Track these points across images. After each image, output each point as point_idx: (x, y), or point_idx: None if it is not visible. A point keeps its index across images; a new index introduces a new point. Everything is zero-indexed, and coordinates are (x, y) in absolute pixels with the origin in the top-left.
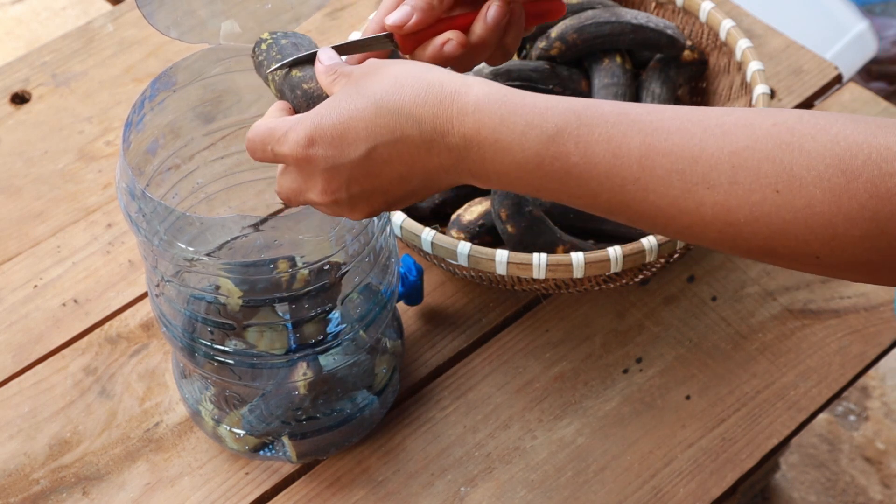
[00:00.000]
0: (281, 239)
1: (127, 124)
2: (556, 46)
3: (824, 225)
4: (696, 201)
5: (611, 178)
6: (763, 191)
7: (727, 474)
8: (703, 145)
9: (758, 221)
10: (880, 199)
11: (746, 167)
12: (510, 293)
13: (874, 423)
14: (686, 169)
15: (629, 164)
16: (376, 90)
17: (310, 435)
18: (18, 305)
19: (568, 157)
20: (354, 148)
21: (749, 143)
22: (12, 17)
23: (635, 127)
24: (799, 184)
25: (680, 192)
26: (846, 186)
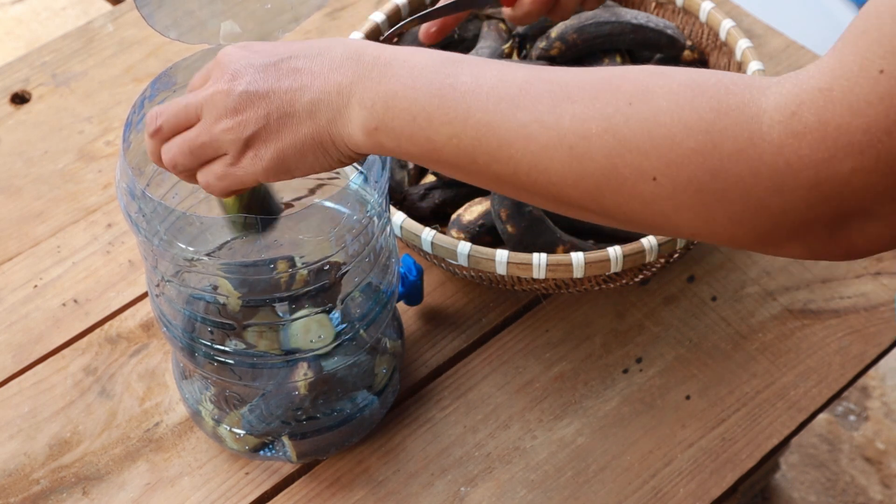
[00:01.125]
0: (281, 239)
1: (127, 124)
2: (556, 46)
3: (664, 135)
4: (557, 114)
5: (490, 95)
6: (618, 103)
7: (727, 474)
8: (581, 76)
9: (607, 132)
10: (719, 113)
11: (610, 86)
12: (510, 293)
13: (874, 422)
14: (557, 90)
15: (511, 85)
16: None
17: (310, 435)
18: (18, 305)
19: (459, 75)
20: (276, 54)
21: (620, 73)
22: (12, 17)
23: (529, 67)
24: (650, 96)
25: (546, 107)
26: (691, 99)
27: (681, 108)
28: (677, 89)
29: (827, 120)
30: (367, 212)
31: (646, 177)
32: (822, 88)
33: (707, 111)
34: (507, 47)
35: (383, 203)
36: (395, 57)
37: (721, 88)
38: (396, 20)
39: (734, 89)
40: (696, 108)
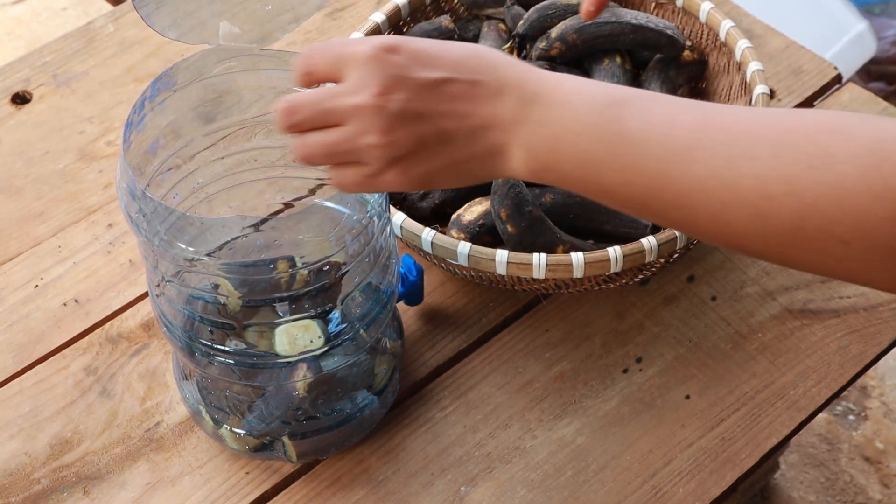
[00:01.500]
0: (281, 239)
1: (127, 124)
2: (556, 47)
3: (853, 203)
4: (737, 172)
5: (662, 145)
6: (800, 165)
7: (727, 474)
8: (752, 125)
9: (792, 195)
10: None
11: (788, 143)
12: (510, 293)
13: (873, 422)
14: (733, 141)
15: (682, 134)
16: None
17: (310, 435)
18: (19, 305)
19: (626, 120)
20: (430, 69)
21: (794, 126)
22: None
23: (693, 107)
24: (833, 161)
25: (724, 161)
26: (876, 166)
27: (866, 176)
28: (858, 153)
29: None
30: (367, 212)
31: (836, 240)
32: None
33: (893, 178)
34: (507, 47)
35: (383, 203)
36: (555, 93)
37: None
38: (397, 20)
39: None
40: (882, 177)
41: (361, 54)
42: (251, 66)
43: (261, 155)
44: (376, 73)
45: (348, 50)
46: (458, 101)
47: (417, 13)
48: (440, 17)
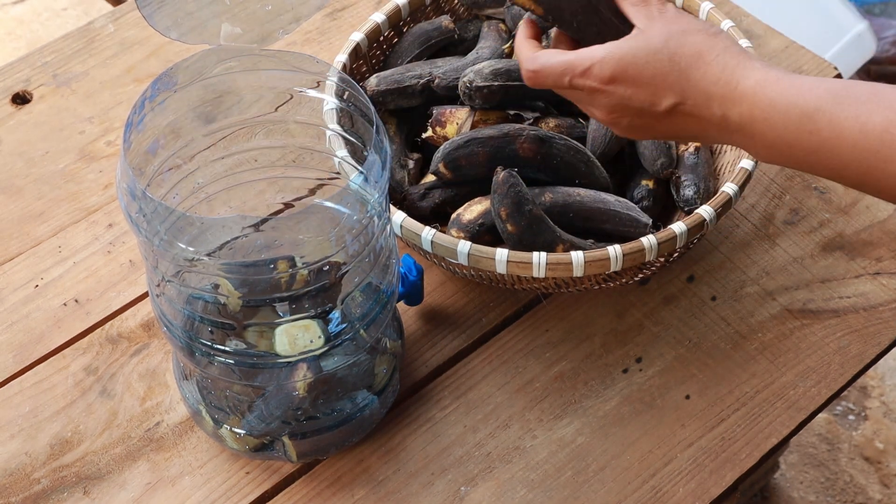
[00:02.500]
0: (281, 239)
1: (127, 124)
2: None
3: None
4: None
5: (856, 150)
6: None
7: (727, 474)
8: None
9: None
10: None
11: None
12: (510, 293)
13: (873, 422)
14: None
15: (873, 137)
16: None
17: (310, 435)
18: (19, 305)
19: (821, 132)
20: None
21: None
22: (13, 18)
23: (883, 104)
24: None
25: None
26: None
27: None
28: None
29: None
30: (367, 212)
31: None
32: None
33: None
34: (507, 47)
35: (383, 203)
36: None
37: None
38: (397, 20)
39: None
40: None
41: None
42: (251, 66)
43: (261, 155)
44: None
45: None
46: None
47: (417, 13)
48: (440, 17)
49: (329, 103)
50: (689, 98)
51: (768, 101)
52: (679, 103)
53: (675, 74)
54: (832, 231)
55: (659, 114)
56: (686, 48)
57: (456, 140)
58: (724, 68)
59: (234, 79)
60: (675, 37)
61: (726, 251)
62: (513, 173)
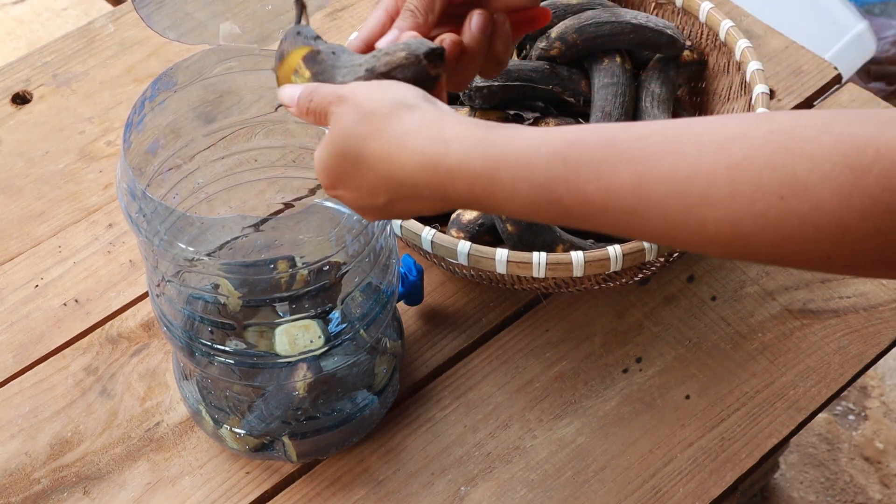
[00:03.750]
0: (281, 239)
1: (127, 124)
2: (556, 46)
3: (835, 224)
4: (698, 220)
5: (607, 212)
6: (766, 199)
7: (727, 474)
8: (698, 164)
9: (764, 231)
10: (893, 192)
11: (746, 179)
12: (510, 293)
13: (873, 422)
14: (683, 191)
15: (623, 197)
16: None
17: (310, 435)
18: (19, 305)
19: (561, 200)
20: (374, 198)
21: (746, 154)
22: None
23: (623, 158)
24: (804, 187)
25: (680, 214)
26: (856, 183)
27: (847, 196)
28: (832, 173)
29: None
30: None
31: (819, 257)
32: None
33: (879, 192)
34: None
35: None
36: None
37: (885, 163)
38: None
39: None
40: (865, 192)
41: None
42: (251, 66)
43: (261, 155)
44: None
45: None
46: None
47: None
48: None
49: None
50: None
51: (486, 178)
52: (396, 197)
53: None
54: None
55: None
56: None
57: None
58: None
59: (234, 79)
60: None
61: None
62: None
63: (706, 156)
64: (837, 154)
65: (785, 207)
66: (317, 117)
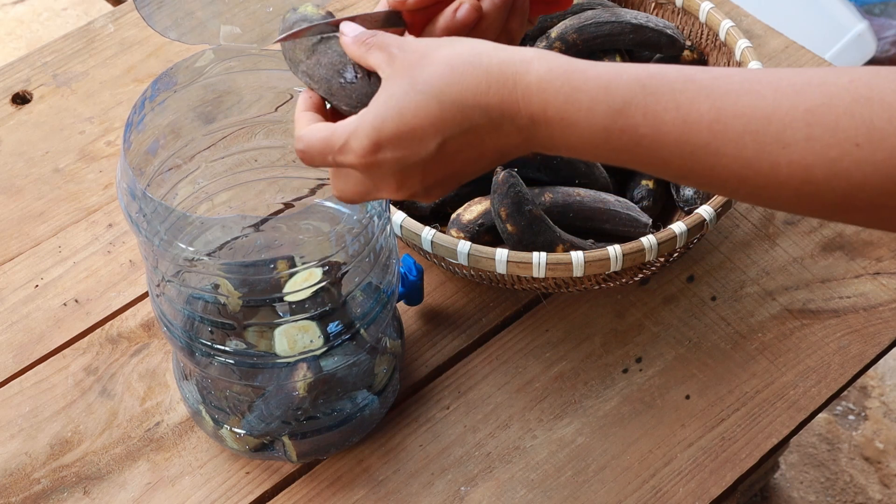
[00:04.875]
0: (281, 239)
1: (128, 124)
2: (556, 46)
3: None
4: (771, 161)
5: (681, 145)
6: (842, 146)
7: (727, 474)
8: (776, 105)
9: (837, 177)
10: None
11: (823, 123)
12: (510, 293)
13: (873, 422)
14: (759, 129)
15: (699, 130)
16: (434, 82)
17: (310, 435)
18: (19, 305)
19: (636, 128)
20: (424, 146)
21: (825, 100)
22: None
23: (703, 92)
24: (880, 136)
25: (753, 153)
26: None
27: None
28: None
29: None
30: (367, 211)
31: (886, 206)
32: None
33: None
34: None
35: (383, 203)
36: (546, 113)
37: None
38: None
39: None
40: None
41: (359, 166)
42: (251, 66)
43: (261, 155)
44: (383, 177)
45: (339, 160)
46: (465, 151)
47: None
48: None
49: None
50: (458, 122)
51: (564, 96)
52: (450, 136)
53: (432, 105)
54: (832, 231)
55: (438, 157)
56: (432, 69)
57: None
58: (489, 70)
59: (234, 79)
60: (418, 65)
61: (726, 251)
62: (513, 173)
63: (784, 98)
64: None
65: (860, 155)
66: (370, 50)
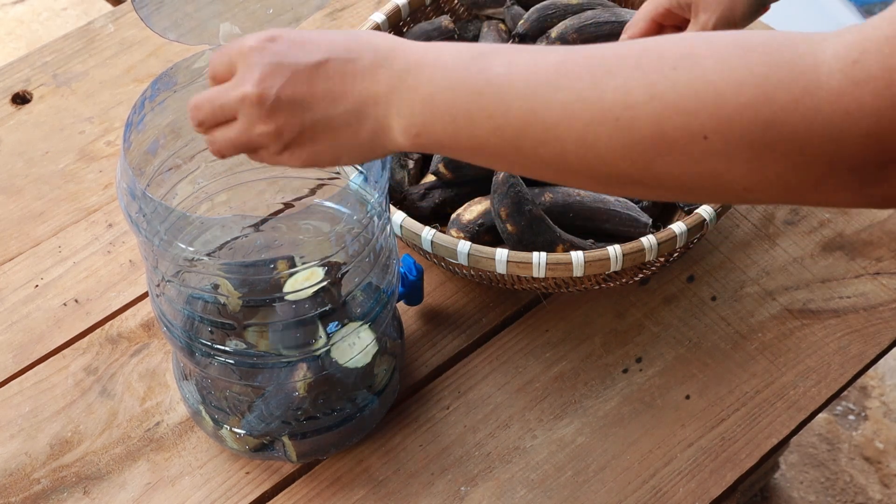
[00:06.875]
0: (281, 239)
1: (127, 124)
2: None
3: (713, 93)
4: (601, 90)
5: (528, 82)
6: (662, 69)
7: (727, 474)
8: (618, 49)
9: (653, 99)
10: (771, 66)
11: (651, 55)
12: (510, 293)
13: (873, 422)
14: (596, 65)
15: (546, 69)
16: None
17: (310, 435)
18: (19, 305)
19: (492, 68)
20: (307, 53)
21: (660, 42)
22: (13, 18)
23: (560, 49)
24: (696, 59)
25: (587, 84)
26: (741, 56)
27: (730, 67)
28: (724, 50)
29: (893, 66)
30: (367, 212)
31: (696, 136)
32: (888, 36)
33: (758, 65)
34: None
35: (383, 203)
36: (425, 58)
37: (773, 44)
38: (396, 20)
39: (787, 44)
40: (746, 65)
41: (246, 47)
42: None
43: None
44: (257, 62)
45: (237, 45)
46: (334, 80)
47: (417, 13)
48: (440, 17)
49: None
50: (347, 49)
51: (440, 46)
52: (332, 57)
53: (331, 33)
54: (832, 231)
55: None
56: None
57: None
58: (384, 34)
59: None
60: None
61: (726, 251)
62: (512, 173)
63: (625, 45)
64: (733, 39)
65: (675, 76)
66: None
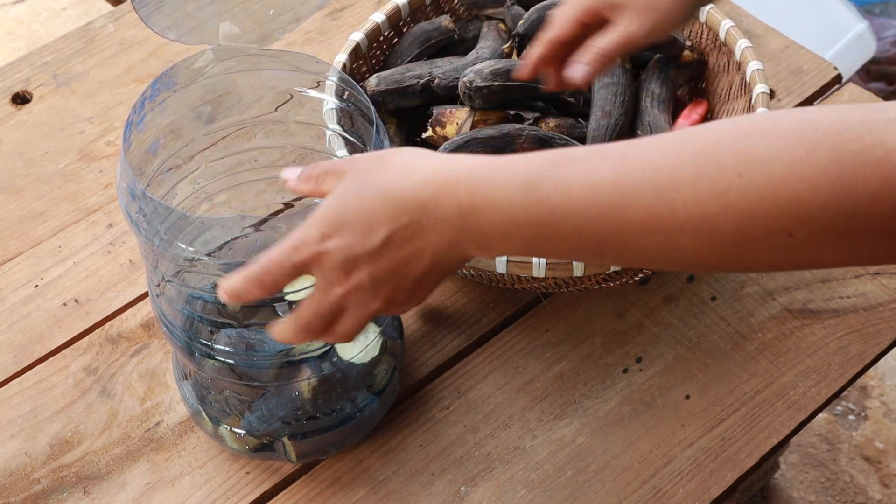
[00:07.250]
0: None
1: (128, 124)
2: None
3: (789, 197)
4: (669, 205)
5: (589, 208)
6: (727, 178)
7: (727, 474)
8: (668, 154)
9: (728, 209)
10: (842, 163)
11: (709, 161)
12: (510, 293)
13: (873, 422)
14: (654, 178)
15: (603, 189)
16: (381, 181)
17: (310, 435)
18: (19, 305)
19: (549, 198)
20: (369, 237)
21: (711, 141)
22: (13, 18)
23: (605, 156)
24: (760, 164)
25: (652, 200)
26: (807, 157)
27: (800, 169)
28: (785, 150)
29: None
30: None
31: (780, 234)
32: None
33: (829, 163)
34: (507, 47)
35: None
36: (477, 201)
37: (836, 139)
38: (396, 20)
39: (849, 135)
40: (815, 165)
41: (308, 261)
42: (251, 67)
43: (261, 155)
44: (332, 269)
45: (296, 261)
46: (405, 248)
47: (417, 13)
48: (440, 17)
49: (329, 103)
50: (400, 217)
51: (486, 181)
52: (393, 230)
53: (378, 201)
54: None
55: (383, 250)
56: (381, 170)
57: (456, 140)
58: (426, 172)
59: (233, 79)
60: (368, 167)
61: None
62: None
63: (675, 148)
64: (792, 133)
65: (743, 184)
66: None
